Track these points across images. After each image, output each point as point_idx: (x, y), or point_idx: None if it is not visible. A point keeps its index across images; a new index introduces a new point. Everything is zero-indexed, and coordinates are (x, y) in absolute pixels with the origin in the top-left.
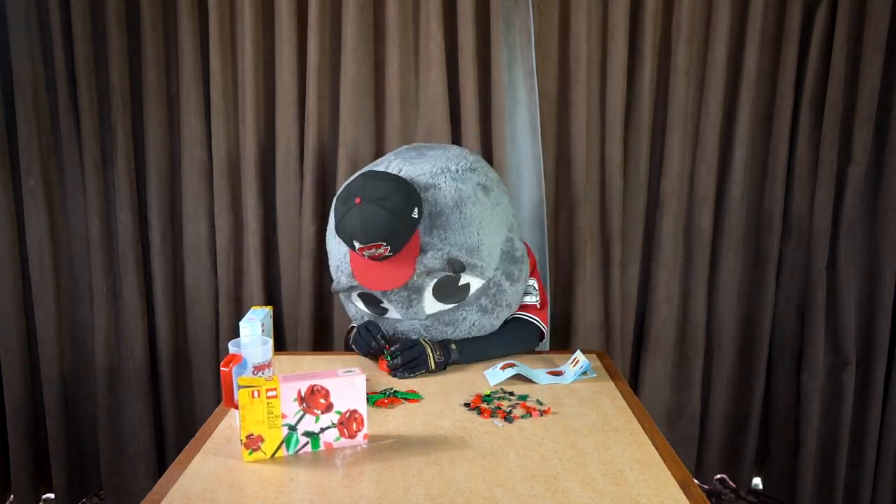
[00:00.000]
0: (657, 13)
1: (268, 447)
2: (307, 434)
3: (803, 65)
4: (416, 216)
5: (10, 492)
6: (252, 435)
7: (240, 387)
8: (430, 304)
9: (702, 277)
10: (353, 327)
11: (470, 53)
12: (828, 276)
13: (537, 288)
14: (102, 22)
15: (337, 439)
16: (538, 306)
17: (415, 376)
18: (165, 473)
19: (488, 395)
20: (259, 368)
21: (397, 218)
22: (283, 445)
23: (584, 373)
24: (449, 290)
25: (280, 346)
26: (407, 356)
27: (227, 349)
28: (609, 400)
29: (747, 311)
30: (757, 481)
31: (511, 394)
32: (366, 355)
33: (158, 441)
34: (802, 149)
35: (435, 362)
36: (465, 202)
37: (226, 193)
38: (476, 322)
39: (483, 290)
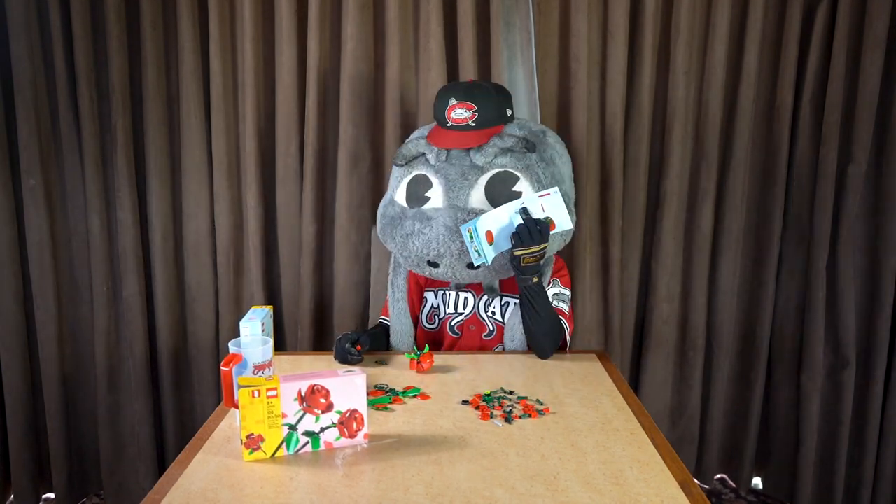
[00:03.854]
0: (657, 13)
1: (268, 447)
2: (307, 434)
3: (803, 64)
4: (509, 113)
5: (10, 492)
6: (252, 434)
7: (240, 386)
8: (478, 197)
9: (702, 277)
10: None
11: (470, 53)
12: (828, 276)
13: (570, 298)
14: (102, 22)
15: (337, 439)
16: (568, 315)
17: (525, 252)
18: (165, 473)
19: (488, 395)
20: (259, 368)
21: (496, 97)
22: (284, 445)
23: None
24: (500, 187)
25: (280, 346)
26: (535, 225)
27: (227, 349)
28: (609, 400)
29: (747, 311)
30: (757, 481)
31: (511, 393)
32: (341, 362)
33: (158, 441)
34: (802, 149)
35: (534, 273)
36: (563, 156)
37: (226, 193)
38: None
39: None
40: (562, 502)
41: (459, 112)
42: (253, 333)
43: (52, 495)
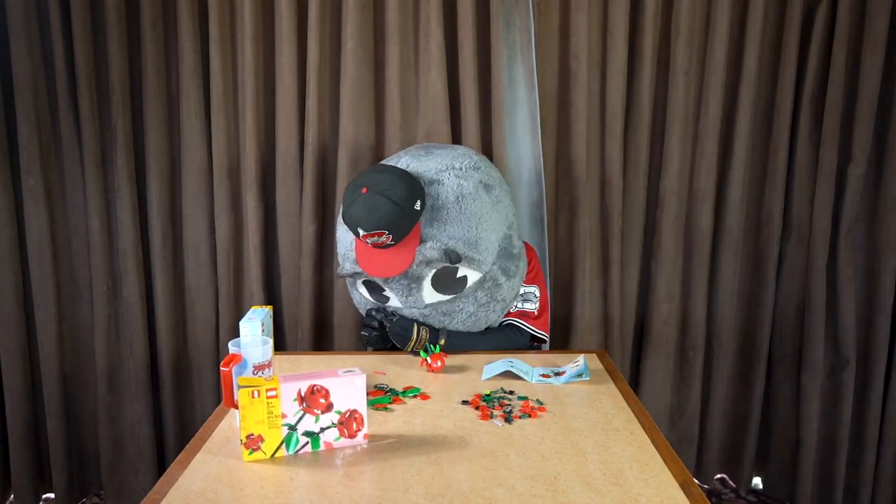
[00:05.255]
0: (657, 13)
1: (268, 447)
2: (307, 434)
3: (803, 65)
4: (419, 208)
5: (10, 492)
6: (252, 435)
7: (240, 387)
8: (429, 294)
9: (702, 277)
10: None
11: (470, 53)
12: (828, 276)
13: (538, 295)
14: (102, 22)
15: (337, 439)
16: (535, 314)
17: (386, 347)
18: (165, 473)
19: (488, 395)
20: (259, 368)
21: (400, 208)
22: (283, 445)
23: (579, 375)
24: (446, 280)
25: (280, 346)
26: (397, 325)
27: (227, 349)
28: (609, 400)
29: (747, 311)
30: (757, 481)
31: (511, 393)
32: (370, 342)
33: (158, 441)
34: (802, 149)
35: (412, 345)
36: (465, 198)
37: (226, 193)
38: (472, 314)
39: (479, 284)
40: (562, 502)
41: (374, 239)
42: (253, 333)
43: (52, 495)
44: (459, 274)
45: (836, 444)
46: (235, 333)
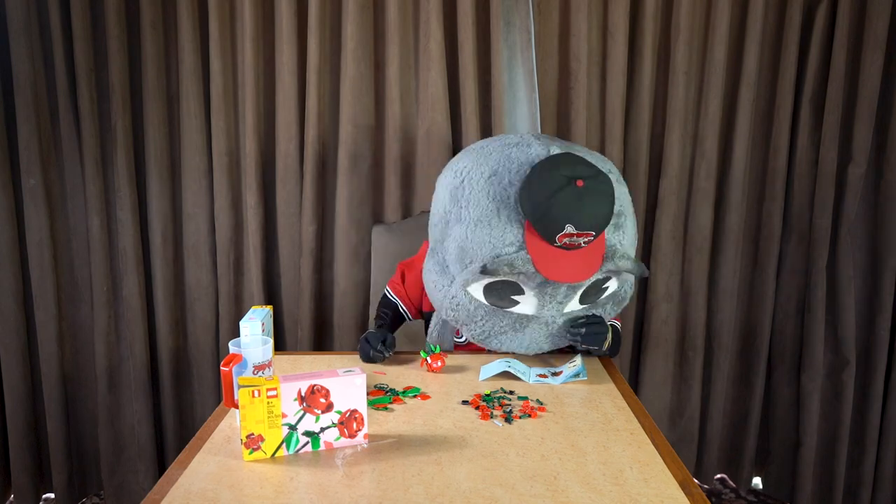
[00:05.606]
0: (657, 13)
1: (268, 447)
2: (307, 434)
3: (803, 65)
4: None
5: (10, 492)
6: (252, 434)
7: (240, 386)
8: (572, 304)
9: (702, 277)
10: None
11: (470, 53)
12: (828, 276)
13: None
14: (102, 22)
15: (337, 439)
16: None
17: (590, 351)
18: (165, 473)
19: (488, 395)
20: (259, 368)
21: (613, 210)
22: (284, 445)
23: (576, 375)
24: (594, 291)
25: (280, 345)
26: (593, 329)
27: (227, 349)
28: (609, 400)
29: (747, 311)
30: (757, 481)
31: (511, 393)
32: (366, 361)
33: (158, 441)
34: (802, 149)
35: (607, 344)
36: (630, 205)
37: (226, 193)
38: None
39: (612, 296)
40: (562, 502)
41: (578, 240)
42: (253, 333)
43: (52, 495)
44: (605, 284)
45: (836, 444)
46: (235, 333)
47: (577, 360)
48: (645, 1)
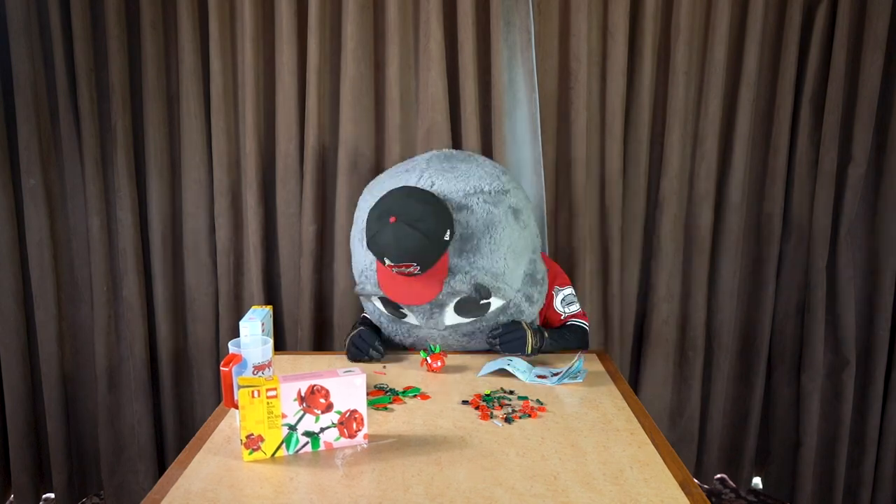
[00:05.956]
0: (657, 13)
1: (268, 447)
2: (307, 434)
3: (803, 65)
4: (448, 238)
5: (10, 492)
6: (252, 435)
7: (240, 386)
8: (450, 317)
9: (702, 277)
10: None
11: (470, 53)
12: (828, 276)
13: (575, 293)
14: (102, 22)
15: (337, 439)
16: (583, 311)
17: (513, 356)
18: (165, 473)
19: (488, 395)
20: (259, 368)
21: (430, 241)
22: (283, 445)
23: (575, 375)
24: (469, 307)
25: (280, 346)
26: (508, 336)
27: (227, 349)
28: (609, 400)
29: (747, 311)
30: (757, 481)
31: (511, 393)
32: (354, 361)
33: (158, 441)
34: (802, 149)
35: (532, 347)
36: (495, 227)
37: (226, 193)
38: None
39: (502, 309)
40: (562, 502)
41: (401, 269)
42: (253, 333)
43: (52, 495)
44: (483, 301)
45: (836, 444)
46: (235, 333)
47: (576, 361)
48: (645, 1)
